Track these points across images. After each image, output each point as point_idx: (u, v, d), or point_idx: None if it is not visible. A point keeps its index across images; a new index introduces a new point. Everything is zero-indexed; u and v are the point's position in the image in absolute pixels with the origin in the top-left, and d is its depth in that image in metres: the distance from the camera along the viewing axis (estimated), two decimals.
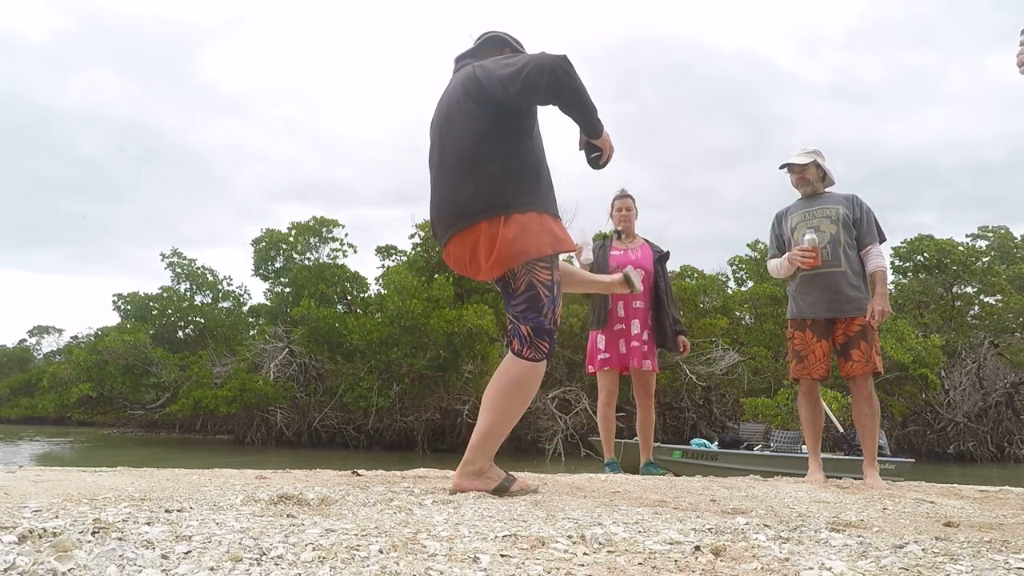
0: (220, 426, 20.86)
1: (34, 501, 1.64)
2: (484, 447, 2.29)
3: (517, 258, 2.26)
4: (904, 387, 17.80)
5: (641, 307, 4.49)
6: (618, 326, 4.48)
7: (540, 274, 2.30)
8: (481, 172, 2.30)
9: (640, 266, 4.48)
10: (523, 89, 2.19)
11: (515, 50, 2.58)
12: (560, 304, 2.40)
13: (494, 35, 2.61)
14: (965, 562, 1.39)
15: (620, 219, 4.69)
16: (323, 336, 17.82)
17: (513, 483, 2.30)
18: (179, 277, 22.87)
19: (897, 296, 22.60)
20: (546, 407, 16.23)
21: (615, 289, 3.12)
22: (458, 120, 2.38)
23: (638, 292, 3.45)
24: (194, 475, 2.55)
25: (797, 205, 4.09)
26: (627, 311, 4.48)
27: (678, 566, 1.30)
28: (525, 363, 2.29)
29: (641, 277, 4.40)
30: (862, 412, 3.82)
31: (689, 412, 17.98)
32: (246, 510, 1.68)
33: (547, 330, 2.32)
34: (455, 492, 2.24)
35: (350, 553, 1.25)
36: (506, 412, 2.30)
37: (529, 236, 2.26)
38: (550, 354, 2.35)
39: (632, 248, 4.63)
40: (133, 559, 1.12)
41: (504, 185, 2.28)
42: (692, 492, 2.75)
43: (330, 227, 21.51)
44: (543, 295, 2.31)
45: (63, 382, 21.69)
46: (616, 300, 4.46)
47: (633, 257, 4.55)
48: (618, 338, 4.48)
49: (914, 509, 2.48)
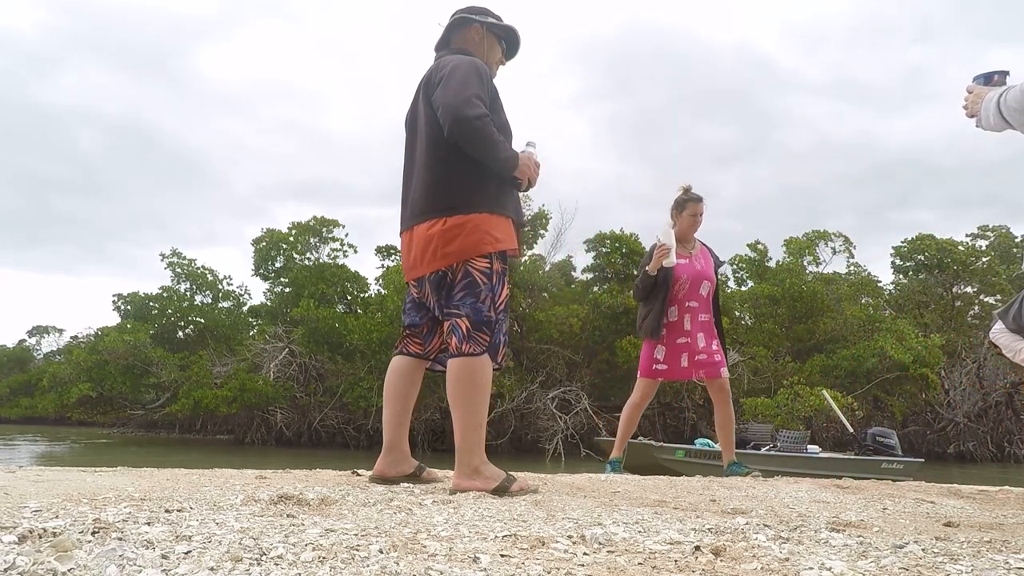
0: (220, 426, 20.88)
1: (34, 501, 1.64)
2: (468, 443, 2.33)
3: (451, 257, 2.37)
4: (904, 387, 17.81)
5: (706, 320, 4.26)
6: (682, 339, 4.22)
7: (478, 264, 2.37)
8: (432, 174, 2.42)
9: (707, 277, 4.26)
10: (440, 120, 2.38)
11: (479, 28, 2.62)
12: (503, 300, 2.44)
13: (459, 17, 2.63)
14: (965, 562, 1.39)
15: (692, 224, 4.32)
16: (323, 336, 17.83)
17: (513, 483, 2.31)
18: (179, 277, 22.88)
19: (897, 296, 22.62)
20: (546, 407, 16.23)
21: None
22: (420, 120, 2.51)
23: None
24: (194, 475, 2.55)
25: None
26: (693, 324, 4.22)
27: (678, 566, 1.29)
28: (466, 359, 2.33)
29: (708, 289, 4.26)
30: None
31: (689, 412, 17.98)
32: (246, 510, 1.68)
33: (486, 320, 2.35)
34: (455, 492, 2.25)
35: (350, 553, 1.25)
36: (470, 407, 2.33)
37: (468, 236, 2.36)
38: (494, 348, 2.38)
39: (696, 256, 4.31)
40: (133, 559, 1.12)
41: (450, 188, 2.39)
42: (692, 492, 2.75)
43: (330, 227, 21.54)
44: (480, 281, 2.37)
45: (63, 382, 21.69)
46: (683, 313, 4.22)
47: (699, 267, 4.27)
48: (682, 351, 4.22)
49: (914, 509, 2.48)
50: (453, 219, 2.36)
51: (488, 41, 2.64)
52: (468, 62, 2.43)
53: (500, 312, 2.42)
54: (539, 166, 2.56)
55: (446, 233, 2.36)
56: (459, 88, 2.33)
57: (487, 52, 2.63)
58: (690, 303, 4.22)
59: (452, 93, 2.32)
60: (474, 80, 2.37)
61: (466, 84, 2.34)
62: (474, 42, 2.62)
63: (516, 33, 2.69)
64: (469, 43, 2.62)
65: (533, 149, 2.57)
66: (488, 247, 2.38)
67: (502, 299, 2.43)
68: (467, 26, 2.62)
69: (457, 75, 2.37)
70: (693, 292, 4.23)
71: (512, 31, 2.68)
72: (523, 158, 2.46)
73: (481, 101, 2.33)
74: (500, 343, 2.43)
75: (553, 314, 17.14)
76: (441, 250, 2.36)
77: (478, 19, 2.61)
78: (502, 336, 2.44)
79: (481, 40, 2.63)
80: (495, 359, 2.41)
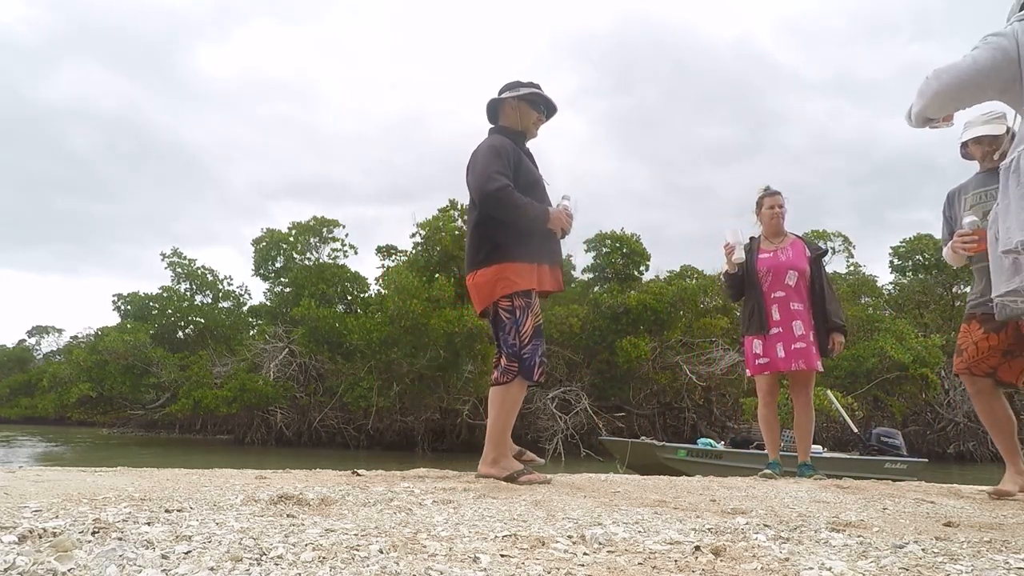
0: (220, 426, 20.86)
1: (34, 501, 1.63)
2: (492, 443, 2.94)
3: (485, 301, 3.00)
4: (904, 387, 17.80)
5: (800, 308, 4.30)
6: (775, 330, 4.31)
7: (502, 304, 2.96)
8: (472, 235, 3.05)
9: (792, 267, 4.30)
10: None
11: (511, 102, 3.15)
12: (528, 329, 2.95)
13: (492, 100, 3.18)
14: (965, 562, 1.39)
15: (771, 217, 4.42)
16: (323, 336, 17.82)
17: (523, 475, 2.80)
18: (179, 277, 22.86)
19: (897, 296, 22.61)
20: (546, 407, 16.23)
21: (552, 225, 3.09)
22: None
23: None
24: (194, 475, 2.55)
25: (973, 182, 3.47)
26: (783, 314, 4.30)
27: (678, 566, 1.29)
28: (497, 388, 2.96)
29: (795, 279, 4.29)
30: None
31: (689, 412, 17.97)
32: (246, 510, 1.68)
33: (514, 351, 2.93)
34: (479, 478, 2.83)
35: (350, 553, 1.25)
36: (496, 420, 2.95)
37: (492, 284, 2.95)
38: (528, 370, 2.91)
39: (782, 248, 4.39)
40: (133, 559, 1.12)
41: (482, 245, 2.99)
42: (692, 492, 2.75)
43: (331, 227, 21.53)
44: (505, 319, 2.96)
45: (63, 382, 21.69)
46: (771, 304, 4.32)
47: (784, 258, 4.33)
48: (776, 342, 4.30)
49: (914, 509, 2.48)
50: (482, 271, 2.97)
51: (521, 109, 3.15)
52: (486, 146, 3.00)
53: (527, 339, 2.93)
54: (572, 217, 3.05)
55: (478, 281, 2.99)
56: (481, 170, 2.91)
57: (522, 119, 3.16)
58: (776, 293, 4.32)
59: (476, 176, 2.92)
60: (492, 159, 2.92)
61: (486, 164, 2.91)
62: (509, 115, 3.16)
63: (540, 95, 3.16)
64: (506, 117, 3.17)
65: (568, 202, 3.08)
66: (507, 289, 2.93)
67: (527, 328, 2.94)
68: (502, 105, 3.16)
69: (478, 159, 2.97)
70: (777, 283, 4.32)
71: (536, 95, 3.15)
72: (554, 212, 2.98)
73: (501, 174, 2.88)
74: (534, 364, 2.93)
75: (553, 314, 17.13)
76: (477, 296, 3.02)
77: (508, 95, 3.14)
78: (537, 358, 2.94)
79: (515, 111, 3.15)
80: (531, 379, 2.94)
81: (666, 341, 18.00)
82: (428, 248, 18.92)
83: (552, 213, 2.97)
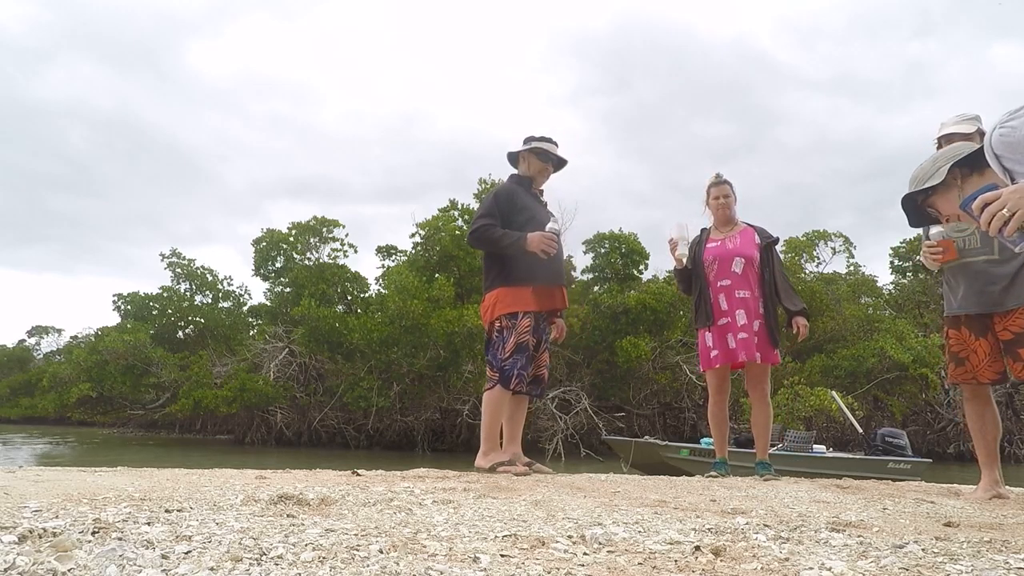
0: (220, 426, 20.86)
1: (34, 501, 1.63)
2: (483, 438, 3.52)
3: (485, 322, 3.65)
4: (904, 387, 17.79)
5: (747, 296, 4.18)
6: (723, 320, 4.19)
7: (495, 324, 3.56)
8: (483, 265, 3.70)
9: (739, 254, 4.22)
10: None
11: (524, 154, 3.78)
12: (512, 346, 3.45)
13: (509, 154, 3.86)
14: (965, 562, 1.39)
15: (717, 207, 4.35)
16: (323, 336, 17.82)
17: (501, 466, 3.33)
18: (179, 277, 22.85)
19: (897, 296, 22.60)
20: (546, 407, 16.21)
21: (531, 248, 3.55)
22: None
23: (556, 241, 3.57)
24: (194, 475, 2.55)
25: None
26: (730, 302, 4.19)
27: (678, 566, 1.29)
28: (486, 393, 3.54)
29: (742, 266, 4.20)
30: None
31: (689, 412, 17.96)
32: (246, 510, 1.68)
33: (497, 362, 3.49)
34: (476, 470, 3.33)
35: (350, 553, 1.25)
36: (486, 420, 3.52)
37: (488, 308, 3.60)
38: (505, 379, 3.43)
39: (731, 236, 4.30)
40: (133, 559, 1.12)
41: (487, 274, 3.65)
42: (692, 492, 2.75)
43: (330, 227, 21.51)
44: (494, 337, 3.57)
45: (63, 382, 21.68)
46: (717, 293, 4.21)
47: (731, 246, 4.26)
48: (725, 333, 4.19)
49: (914, 509, 2.48)
50: (486, 295, 3.63)
51: (530, 159, 3.78)
52: (491, 194, 3.71)
53: (508, 354, 3.45)
54: (552, 239, 3.46)
55: (483, 305, 3.67)
56: (475, 216, 3.63)
57: (531, 167, 3.78)
58: (722, 282, 4.21)
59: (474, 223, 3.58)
60: (487, 204, 3.61)
61: (479, 211, 3.64)
62: (521, 164, 3.80)
63: (542, 149, 3.76)
64: (521, 167, 3.81)
65: (554, 224, 3.55)
66: (497, 312, 3.54)
67: (510, 345, 3.46)
68: (518, 154, 3.80)
69: (480, 207, 3.68)
70: (724, 271, 4.22)
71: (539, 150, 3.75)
72: (532, 237, 3.43)
73: (484, 216, 3.54)
74: (511, 375, 3.42)
75: None
76: (482, 316, 3.68)
77: (521, 149, 3.79)
78: (515, 370, 3.42)
79: (525, 161, 3.79)
80: (507, 387, 3.44)
81: (666, 341, 17.98)
82: (428, 248, 18.92)
83: (530, 239, 3.42)
